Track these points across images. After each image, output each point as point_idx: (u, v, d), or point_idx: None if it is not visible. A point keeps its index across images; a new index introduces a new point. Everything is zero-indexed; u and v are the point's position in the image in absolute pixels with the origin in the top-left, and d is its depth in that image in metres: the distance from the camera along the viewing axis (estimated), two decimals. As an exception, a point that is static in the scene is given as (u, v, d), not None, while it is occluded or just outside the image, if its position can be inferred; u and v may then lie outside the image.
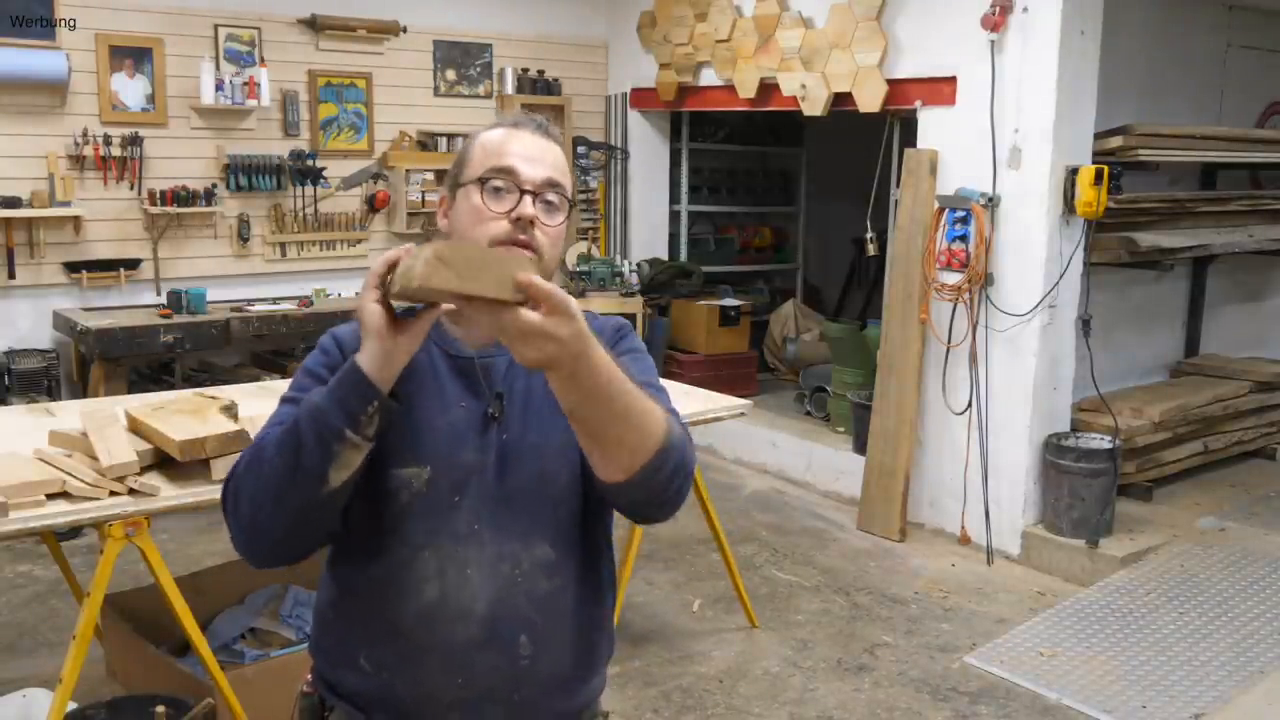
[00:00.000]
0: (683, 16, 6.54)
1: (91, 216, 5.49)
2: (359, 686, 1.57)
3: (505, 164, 1.53)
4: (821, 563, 4.95)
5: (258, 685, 3.16)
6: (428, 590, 1.52)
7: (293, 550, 1.51)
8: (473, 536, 1.52)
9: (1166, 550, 4.94)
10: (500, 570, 1.53)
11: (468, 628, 1.51)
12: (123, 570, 3.28)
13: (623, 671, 3.85)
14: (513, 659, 1.53)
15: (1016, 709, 3.69)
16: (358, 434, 1.40)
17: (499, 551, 1.53)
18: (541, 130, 1.60)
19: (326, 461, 1.40)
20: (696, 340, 7.01)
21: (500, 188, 1.53)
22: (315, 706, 1.64)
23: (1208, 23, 6.25)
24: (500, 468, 1.54)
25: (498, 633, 1.52)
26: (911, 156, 5.30)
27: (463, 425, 1.55)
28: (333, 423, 1.39)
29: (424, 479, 1.51)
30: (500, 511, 1.54)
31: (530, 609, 1.54)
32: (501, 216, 1.51)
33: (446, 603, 1.51)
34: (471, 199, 1.54)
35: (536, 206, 1.52)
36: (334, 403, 1.40)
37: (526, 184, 1.52)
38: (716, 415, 4.05)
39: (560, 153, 1.60)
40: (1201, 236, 5.68)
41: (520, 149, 1.55)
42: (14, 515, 2.59)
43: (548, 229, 1.54)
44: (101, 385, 5.05)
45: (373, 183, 6.36)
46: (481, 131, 1.61)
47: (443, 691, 1.53)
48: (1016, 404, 4.96)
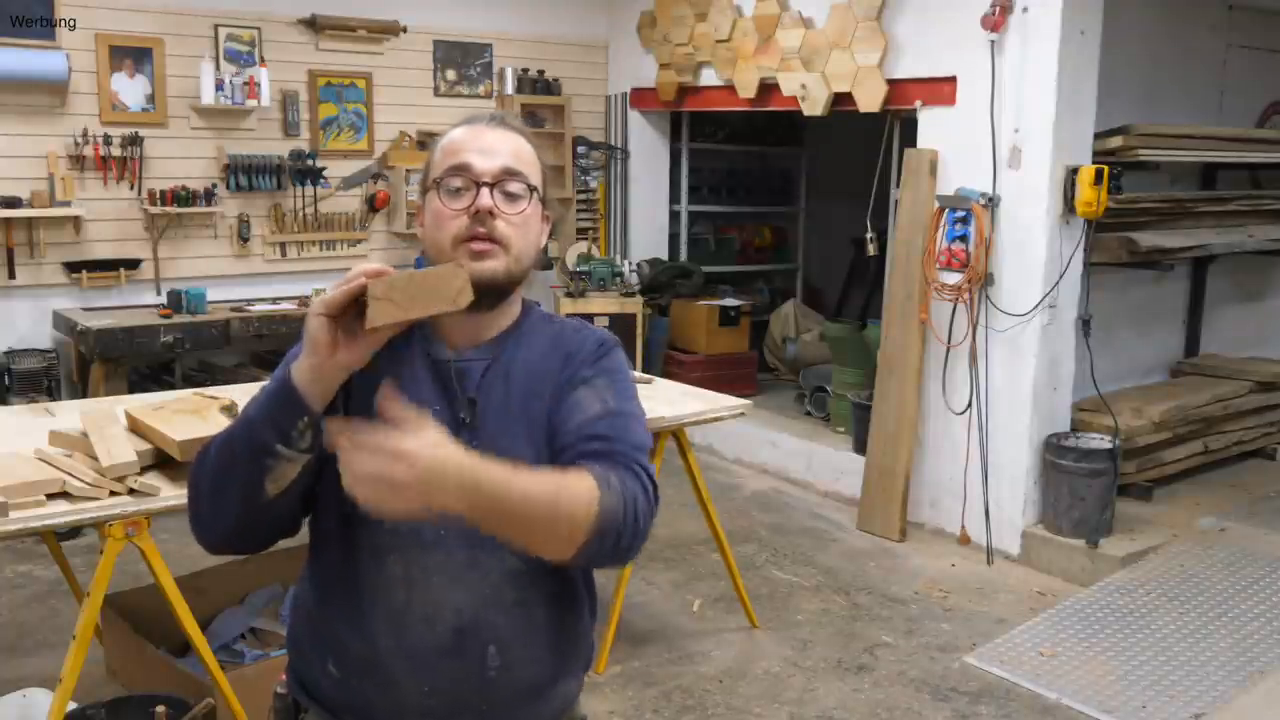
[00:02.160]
0: (683, 16, 6.54)
1: (91, 216, 5.49)
2: (329, 691, 1.56)
3: (459, 160, 1.53)
4: (821, 563, 4.95)
5: (258, 685, 3.15)
6: (394, 596, 1.50)
7: (243, 544, 1.53)
8: (439, 543, 1.50)
9: (1166, 550, 4.94)
10: (468, 579, 1.51)
11: (435, 635, 1.50)
12: (123, 570, 3.28)
13: (623, 671, 3.85)
14: (481, 669, 1.52)
15: (1016, 709, 3.69)
16: (289, 449, 1.39)
17: (467, 559, 1.51)
18: (498, 122, 1.59)
19: (260, 474, 1.40)
20: (696, 340, 7.01)
21: (458, 187, 1.53)
22: (289, 708, 1.63)
23: (1208, 23, 6.24)
24: None
25: (465, 642, 1.51)
26: (911, 156, 5.30)
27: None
28: (263, 437, 1.39)
29: None
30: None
31: (499, 619, 1.52)
32: (461, 214, 1.51)
33: (411, 609, 1.50)
34: (433, 203, 1.54)
35: (495, 197, 1.52)
36: (265, 417, 1.40)
37: (482, 176, 1.52)
38: (716, 415, 4.05)
39: (521, 141, 1.59)
40: (1201, 236, 5.68)
41: (475, 144, 1.55)
42: (14, 515, 2.59)
43: (510, 217, 1.53)
44: (101, 385, 5.05)
45: (373, 183, 6.36)
46: (444, 136, 1.60)
47: (410, 699, 1.52)
48: (1016, 404, 4.96)
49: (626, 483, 1.42)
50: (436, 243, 1.54)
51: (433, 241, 1.54)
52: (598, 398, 1.54)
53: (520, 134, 1.60)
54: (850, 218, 6.60)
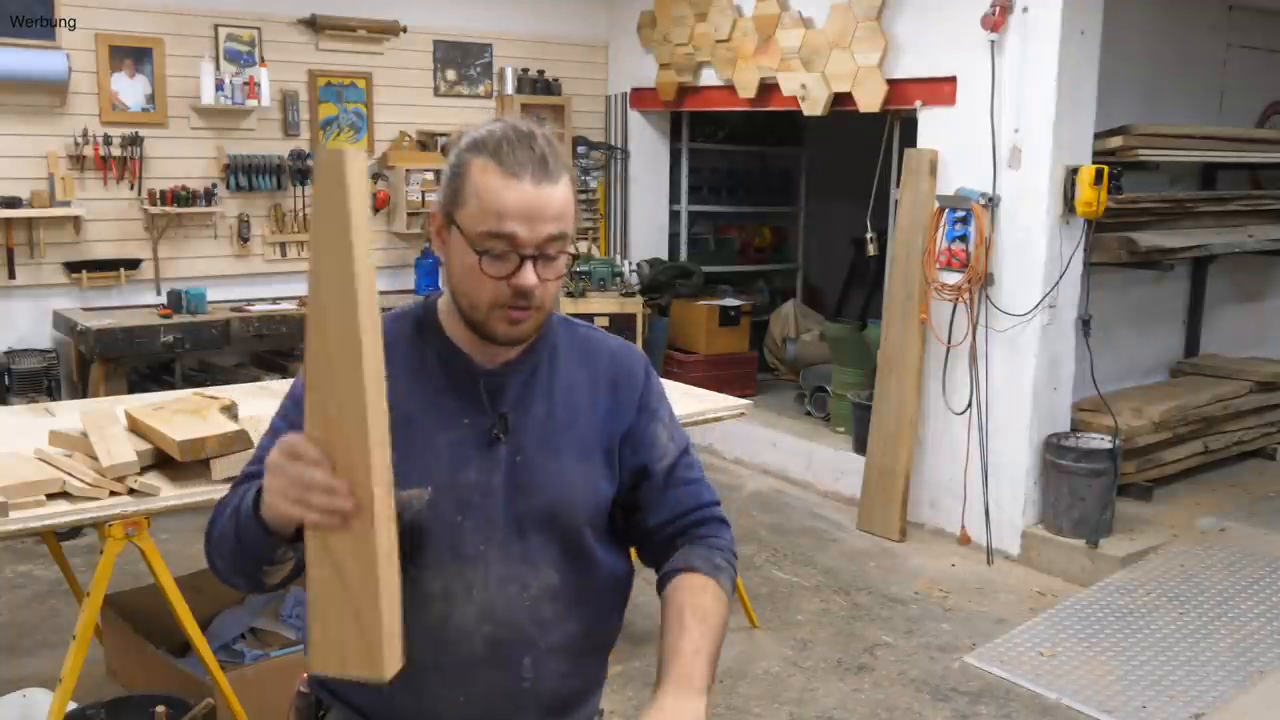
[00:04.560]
0: (683, 16, 6.54)
1: (91, 216, 5.49)
2: (361, 701, 1.56)
3: (503, 230, 1.41)
4: (821, 563, 4.95)
5: (258, 685, 3.16)
6: (432, 610, 1.50)
7: (259, 589, 1.54)
8: (479, 558, 1.50)
9: (1166, 550, 4.93)
10: (506, 592, 1.51)
11: (471, 647, 1.50)
12: (123, 570, 3.28)
13: (623, 671, 3.85)
14: (515, 680, 1.53)
15: (1016, 709, 3.69)
16: (276, 564, 1.41)
17: (505, 574, 1.51)
18: (541, 171, 1.43)
19: (257, 567, 1.43)
20: (696, 340, 7.01)
21: (499, 254, 1.43)
22: (311, 707, 1.63)
23: (1208, 23, 6.24)
24: (510, 491, 1.52)
25: (501, 653, 1.51)
26: (911, 156, 5.30)
27: (465, 444, 1.51)
28: (252, 553, 1.40)
29: (425, 499, 1.49)
30: (509, 535, 1.52)
31: (535, 632, 1.53)
32: (500, 280, 1.44)
33: (450, 623, 1.50)
34: (466, 256, 1.45)
35: (538, 266, 1.44)
36: (244, 548, 1.41)
37: (526, 248, 1.42)
38: (716, 415, 4.04)
39: (563, 189, 1.45)
40: (1201, 236, 5.68)
41: (519, 207, 1.41)
42: (14, 515, 2.59)
43: (548, 283, 1.47)
44: (101, 385, 5.05)
45: (373, 183, 6.36)
46: (474, 157, 1.44)
47: (444, 708, 1.52)
48: (1016, 404, 4.96)
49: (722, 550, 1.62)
50: (469, 297, 1.47)
51: (464, 293, 1.47)
52: (668, 433, 1.65)
53: (563, 175, 1.46)
54: (850, 218, 6.60)
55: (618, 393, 1.62)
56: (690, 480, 1.65)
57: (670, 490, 1.63)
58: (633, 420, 1.62)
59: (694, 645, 1.46)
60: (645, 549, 1.67)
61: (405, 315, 1.61)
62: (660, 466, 1.62)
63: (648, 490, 1.62)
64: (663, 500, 1.63)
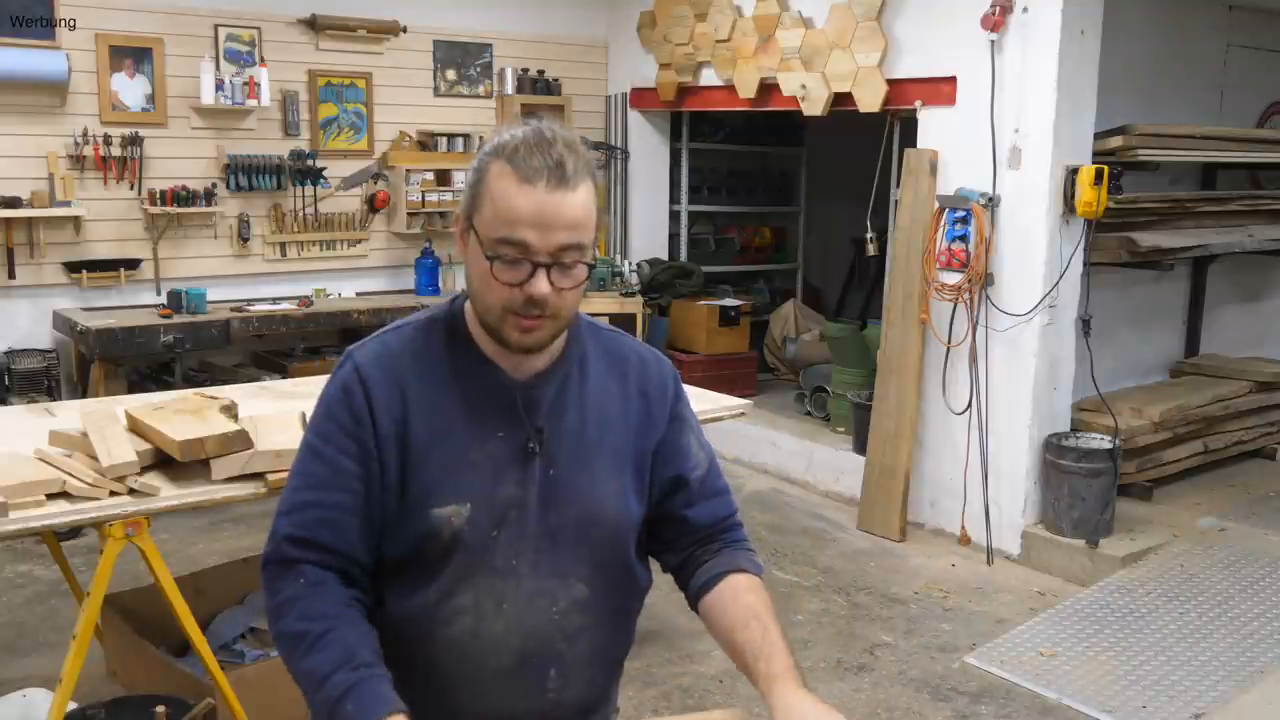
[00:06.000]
0: (683, 16, 6.54)
1: (91, 216, 5.49)
2: None
3: (515, 236, 1.39)
4: (821, 563, 4.95)
5: (258, 685, 3.15)
6: (462, 623, 1.50)
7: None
8: (510, 572, 1.50)
9: (1166, 550, 4.93)
10: (536, 606, 1.51)
11: (500, 660, 1.51)
12: (123, 570, 3.28)
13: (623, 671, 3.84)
14: (540, 690, 1.53)
15: (1016, 709, 3.69)
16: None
17: (536, 588, 1.51)
18: (558, 177, 1.39)
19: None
20: (696, 340, 7.01)
21: (511, 260, 1.41)
22: None
23: (1208, 23, 6.24)
24: (543, 505, 1.51)
25: (528, 665, 1.52)
26: (911, 156, 5.30)
27: (502, 457, 1.50)
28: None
29: (464, 516, 1.47)
30: (541, 549, 1.52)
31: (562, 645, 1.54)
32: (512, 286, 1.42)
33: (479, 636, 1.50)
34: (479, 261, 1.43)
35: (552, 274, 1.41)
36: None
37: (538, 255, 1.40)
38: (716, 415, 4.04)
39: (581, 197, 1.41)
40: (1201, 236, 5.68)
41: (531, 213, 1.38)
42: (14, 515, 2.59)
43: (564, 292, 1.43)
44: (101, 385, 5.05)
45: (373, 183, 6.36)
46: (493, 161, 1.42)
47: (468, 716, 1.53)
48: (1016, 404, 4.96)
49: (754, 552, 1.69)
50: (483, 300, 1.46)
51: (479, 296, 1.47)
52: (698, 442, 1.67)
53: (582, 180, 1.42)
54: (850, 218, 6.61)
55: (649, 403, 1.62)
56: (721, 490, 1.69)
57: (705, 501, 1.66)
58: (664, 432, 1.63)
59: (786, 643, 1.50)
60: (672, 555, 1.68)
61: (436, 322, 1.57)
62: (695, 476, 1.65)
63: (683, 500, 1.64)
64: (700, 511, 1.65)
